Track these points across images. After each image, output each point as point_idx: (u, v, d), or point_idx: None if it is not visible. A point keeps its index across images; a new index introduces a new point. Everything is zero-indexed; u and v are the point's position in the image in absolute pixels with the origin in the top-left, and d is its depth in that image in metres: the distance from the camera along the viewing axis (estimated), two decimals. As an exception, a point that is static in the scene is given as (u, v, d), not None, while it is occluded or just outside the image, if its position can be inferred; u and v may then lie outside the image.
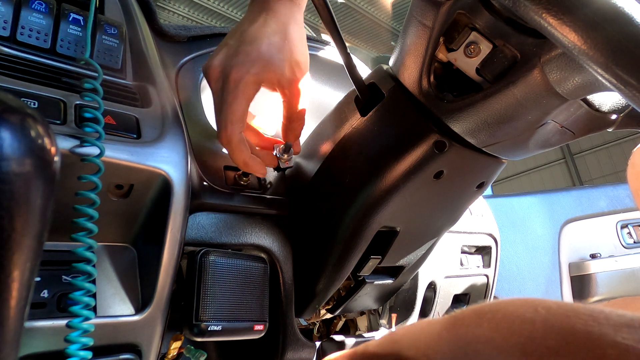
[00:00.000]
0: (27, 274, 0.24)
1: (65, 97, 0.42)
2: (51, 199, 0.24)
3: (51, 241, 0.42)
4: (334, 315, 0.72)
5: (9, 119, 0.22)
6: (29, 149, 0.22)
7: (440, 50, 0.47)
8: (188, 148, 0.48)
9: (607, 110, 0.47)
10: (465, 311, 0.21)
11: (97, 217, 0.38)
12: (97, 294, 0.42)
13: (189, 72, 0.63)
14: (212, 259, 0.50)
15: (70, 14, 0.47)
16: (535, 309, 0.18)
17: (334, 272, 0.59)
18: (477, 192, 0.59)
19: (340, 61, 0.53)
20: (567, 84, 0.41)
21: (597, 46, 0.28)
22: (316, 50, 0.83)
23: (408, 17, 0.48)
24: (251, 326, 0.53)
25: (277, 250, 0.60)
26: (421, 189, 0.54)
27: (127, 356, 0.42)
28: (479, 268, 0.95)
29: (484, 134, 0.48)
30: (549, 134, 0.50)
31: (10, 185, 0.21)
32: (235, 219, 0.57)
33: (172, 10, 4.89)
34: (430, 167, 0.51)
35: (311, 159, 0.61)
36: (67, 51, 0.46)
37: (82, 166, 0.38)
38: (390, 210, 0.55)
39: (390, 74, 0.54)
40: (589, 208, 1.58)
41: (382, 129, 0.53)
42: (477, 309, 0.20)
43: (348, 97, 0.58)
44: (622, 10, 0.28)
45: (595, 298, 1.46)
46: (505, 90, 0.44)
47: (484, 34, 0.44)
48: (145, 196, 0.45)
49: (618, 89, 0.28)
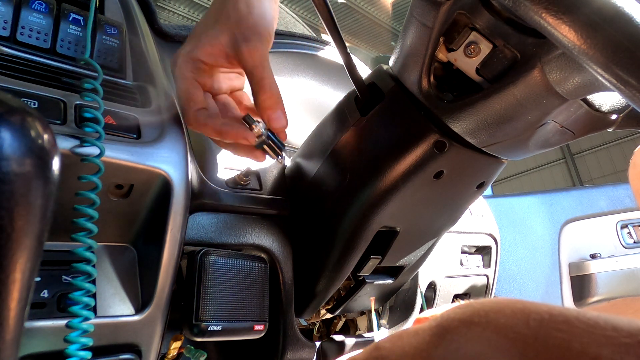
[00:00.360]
0: (27, 274, 0.24)
1: (65, 97, 0.42)
2: (51, 199, 0.24)
3: (51, 241, 0.42)
4: (334, 315, 0.72)
5: (9, 119, 0.22)
6: (29, 149, 0.22)
7: (440, 50, 0.47)
8: (188, 148, 0.48)
9: (607, 110, 0.47)
10: (454, 320, 0.19)
11: (97, 217, 0.38)
12: (97, 294, 0.42)
13: (189, 72, 0.63)
14: (212, 259, 0.50)
15: (70, 14, 0.47)
16: (527, 321, 0.17)
17: (334, 272, 0.59)
18: (477, 192, 0.59)
19: (340, 61, 0.53)
20: (567, 84, 0.41)
21: (597, 46, 0.28)
22: (316, 50, 0.83)
23: (408, 17, 0.48)
24: (251, 326, 0.53)
25: (277, 250, 0.60)
26: (421, 189, 0.54)
27: (127, 356, 0.42)
28: (479, 268, 0.95)
29: (484, 134, 0.48)
30: (549, 134, 0.50)
31: (10, 185, 0.21)
32: (235, 219, 0.57)
33: (172, 10, 4.88)
34: (430, 167, 0.51)
35: (311, 159, 0.61)
36: (67, 51, 0.46)
37: (82, 166, 0.38)
38: (390, 210, 0.55)
39: (390, 74, 0.54)
40: (589, 208, 1.58)
41: (382, 129, 0.53)
42: (466, 319, 0.19)
43: (348, 97, 0.58)
44: (622, 10, 0.28)
45: (595, 298, 1.46)
46: (505, 90, 0.44)
47: (484, 34, 0.44)
48: (145, 196, 0.45)
49: (618, 89, 0.28)
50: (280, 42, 0.78)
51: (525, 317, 0.17)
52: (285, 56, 0.80)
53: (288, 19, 1.24)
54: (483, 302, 0.19)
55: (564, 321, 0.16)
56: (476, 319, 0.18)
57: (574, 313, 0.16)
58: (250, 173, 0.59)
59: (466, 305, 0.20)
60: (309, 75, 0.85)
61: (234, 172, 0.59)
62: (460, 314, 0.19)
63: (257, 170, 0.62)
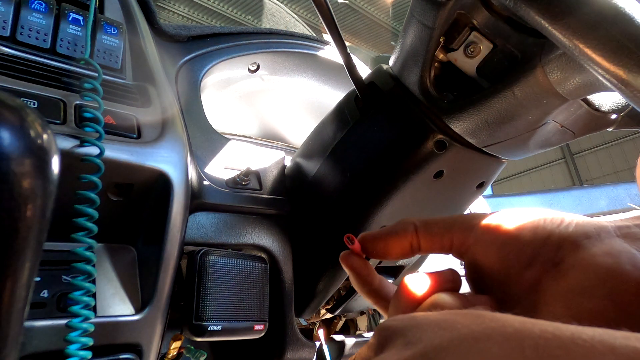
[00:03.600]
0: (27, 273, 0.24)
1: (65, 97, 0.42)
2: (51, 199, 0.24)
3: (51, 241, 0.42)
4: (334, 315, 0.72)
5: (8, 119, 0.22)
6: (29, 148, 0.22)
7: (441, 50, 0.47)
8: (188, 148, 0.48)
9: (607, 110, 0.47)
10: (442, 348, 0.16)
11: (97, 217, 0.38)
12: (98, 293, 0.42)
13: (189, 72, 0.63)
14: (212, 258, 0.50)
15: (70, 13, 0.47)
16: (523, 349, 0.15)
17: (334, 272, 0.59)
18: (477, 191, 0.59)
19: (340, 61, 0.53)
20: (568, 84, 0.41)
21: (597, 46, 0.28)
22: (316, 50, 0.83)
23: (408, 17, 0.48)
24: (251, 326, 0.53)
25: (277, 250, 0.60)
26: (421, 188, 0.54)
27: (127, 356, 0.42)
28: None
29: (484, 133, 0.48)
30: (549, 134, 0.50)
31: (10, 185, 0.21)
32: (235, 218, 0.57)
33: (172, 10, 4.88)
34: (430, 166, 0.51)
35: (311, 159, 0.61)
36: (67, 51, 0.46)
37: (82, 166, 0.38)
38: (390, 210, 0.55)
39: (390, 74, 0.54)
40: (589, 208, 1.58)
41: (382, 129, 0.53)
42: (453, 346, 0.16)
43: (348, 97, 0.58)
44: (622, 10, 0.28)
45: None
46: (505, 90, 0.44)
47: (484, 33, 0.44)
48: (145, 196, 0.45)
49: (618, 89, 0.28)
50: (280, 42, 0.78)
51: (521, 344, 0.15)
52: (285, 56, 0.80)
53: (288, 19, 1.24)
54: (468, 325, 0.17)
55: (560, 346, 0.14)
56: (465, 346, 0.16)
57: (568, 335, 0.15)
58: (250, 173, 0.59)
59: (450, 327, 0.17)
60: (309, 75, 0.85)
61: (234, 172, 0.59)
62: (447, 340, 0.16)
63: (257, 170, 0.62)
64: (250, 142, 0.82)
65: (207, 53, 0.66)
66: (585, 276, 0.22)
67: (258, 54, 0.75)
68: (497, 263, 0.26)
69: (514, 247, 0.25)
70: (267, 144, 0.85)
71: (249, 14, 4.79)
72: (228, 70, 0.73)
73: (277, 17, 1.23)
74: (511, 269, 0.25)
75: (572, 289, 0.22)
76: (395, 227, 0.30)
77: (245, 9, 5.17)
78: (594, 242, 0.23)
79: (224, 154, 0.60)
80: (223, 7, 5.19)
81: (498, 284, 0.26)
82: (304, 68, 0.84)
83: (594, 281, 0.22)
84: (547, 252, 0.24)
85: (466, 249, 0.28)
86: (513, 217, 0.26)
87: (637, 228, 0.23)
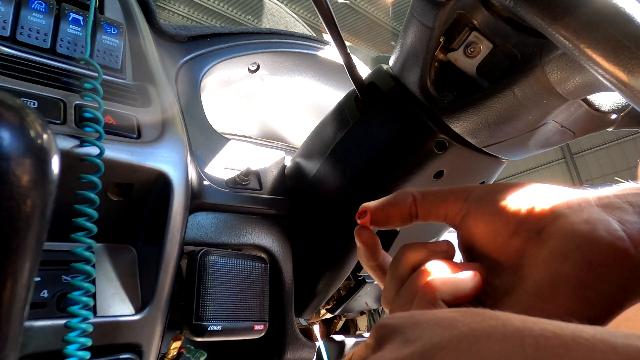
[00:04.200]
0: (27, 274, 0.24)
1: (65, 97, 0.42)
2: (51, 199, 0.24)
3: (51, 241, 0.42)
4: (334, 315, 0.72)
5: (8, 119, 0.22)
6: (29, 148, 0.22)
7: (441, 50, 0.47)
8: (188, 148, 0.48)
9: (607, 110, 0.47)
10: (441, 346, 0.16)
11: (97, 217, 0.38)
12: (97, 293, 0.42)
13: (189, 72, 0.63)
14: (212, 258, 0.50)
15: (70, 13, 0.47)
16: (523, 348, 0.14)
17: (334, 272, 0.59)
18: (477, 192, 0.59)
19: (340, 61, 0.53)
20: (568, 84, 0.41)
21: (597, 46, 0.28)
22: (316, 50, 0.83)
23: (408, 17, 0.48)
24: (251, 326, 0.53)
25: (277, 250, 0.60)
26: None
27: (127, 356, 0.42)
28: (479, 268, 0.95)
29: (484, 133, 0.48)
30: (549, 134, 0.50)
31: (10, 185, 0.21)
32: (235, 218, 0.57)
33: (172, 10, 4.88)
34: (431, 166, 0.51)
35: (311, 159, 0.61)
36: (67, 51, 0.46)
37: (82, 166, 0.38)
38: (390, 210, 0.55)
39: (390, 74, 0.54)
40: (589, 208, 1.57)
41: (382, 129, 0.53)
42: (453, 344, 0.16)
43: (348, 97, 0.58)
44: (622, 10, 0.28)
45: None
46: (505, 90, 0.44)
47: (484, 33, 0.44)
48: (145, 196, 0.45)
49: (618, 89, 0.28)
50: (280, 42, 0.78)
51: (521, 342, 0.15)
52: (285, 56, 0.80)
53: (288, 19, 1.24)
54: (468, 323, 0.16)
55: (561, 345, 0.14)
56: (464, 343, 0.15)
57: (569, 333, 0.15)
58: (250, 173, 0.59)
59: (449, 325, 0.17)
60: (309, 75, 0.85)
61: (234, 172, 0.59)
62: (447, 339, 0.16)
63: (257, 170, 0.62)
64: (250, 142, 0.82)
65: (207, 53, 0.66)
66: (563, 242, 0.23)
67: (258, 54, 0.75)
68: (487, 232, 0.27)
69: (502, 217, 0.27)
70: (267, 144, 0.85)
71: (249, 14, 4.79)
72: (228, 70, 0.73)
73: (277, 17, 1.23)
74: (499, 237, 0.26)
75: (551, 254, 0.23)
76: (395, 197, 0.32)
77: (245, 9, 5.17)
78: (574, 211, 0.24)
79: (224, 154, 0.60)
80: (223, 7, 5.19)
81: (487, 252, 0.27)
82: (304, 68, 0.84)
83: (571, 246, 0.23)
84: (530, 221, 0.25)
85: (459, 219, 0.30)
86: (504, 189, 0.28)
87: (616, 199, 0.25)
